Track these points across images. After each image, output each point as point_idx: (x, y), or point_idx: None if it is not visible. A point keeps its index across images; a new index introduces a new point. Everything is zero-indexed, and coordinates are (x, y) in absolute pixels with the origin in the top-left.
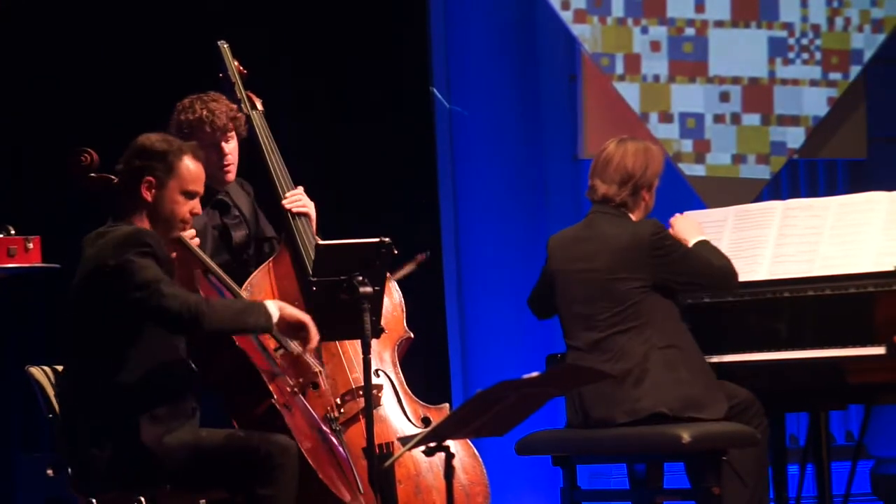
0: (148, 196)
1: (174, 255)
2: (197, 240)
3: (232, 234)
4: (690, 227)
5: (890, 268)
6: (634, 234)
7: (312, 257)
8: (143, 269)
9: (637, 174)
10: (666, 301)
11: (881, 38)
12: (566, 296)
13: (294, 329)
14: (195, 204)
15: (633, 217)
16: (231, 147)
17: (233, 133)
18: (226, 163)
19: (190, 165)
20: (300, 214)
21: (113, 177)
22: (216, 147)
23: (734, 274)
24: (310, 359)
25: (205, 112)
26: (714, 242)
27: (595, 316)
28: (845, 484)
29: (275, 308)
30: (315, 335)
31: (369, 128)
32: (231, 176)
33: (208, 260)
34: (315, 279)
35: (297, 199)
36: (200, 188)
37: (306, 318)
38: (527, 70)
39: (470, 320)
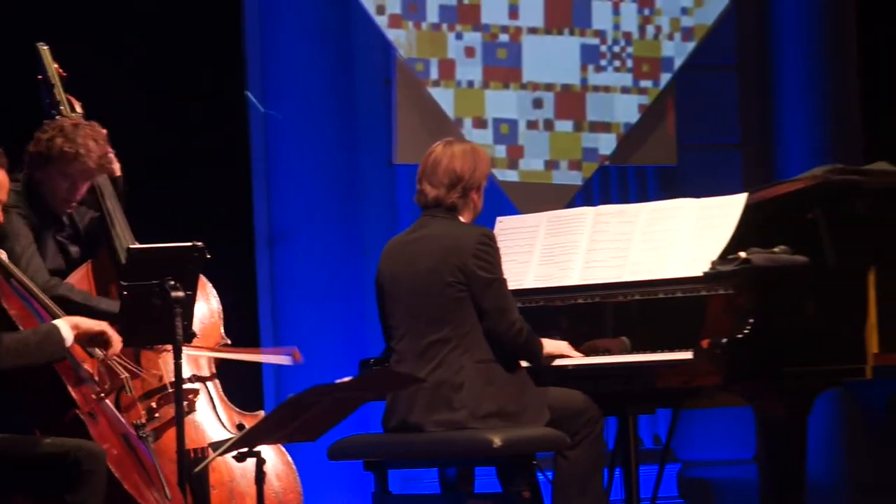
0: None
1: None
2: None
3: (69, 248)
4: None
5: (699, 273)
6: (460, 236)
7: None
8: None
9: (466, 176)
10: None
11: (691, 46)
12: (394, 300)
13: (95, 340)
14: None
15: (462, 219)
16: (84, 188)
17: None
18: (73, 200)
19: None
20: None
21: None
22: (72, 183)
23: (537, 345)
24: (117, 364)
25: (81, 150)
26: (528, 248)
27: (418, 321)
28: (653, 487)
29: (68, 330)
30: (116, 341)
31: (183, 132)
32: (71, 210)
33: (12, 266)
34: (126, 283)
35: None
36: (4, 196)
37: (103, 326)
38: (342, 74)
39: (283, 326)
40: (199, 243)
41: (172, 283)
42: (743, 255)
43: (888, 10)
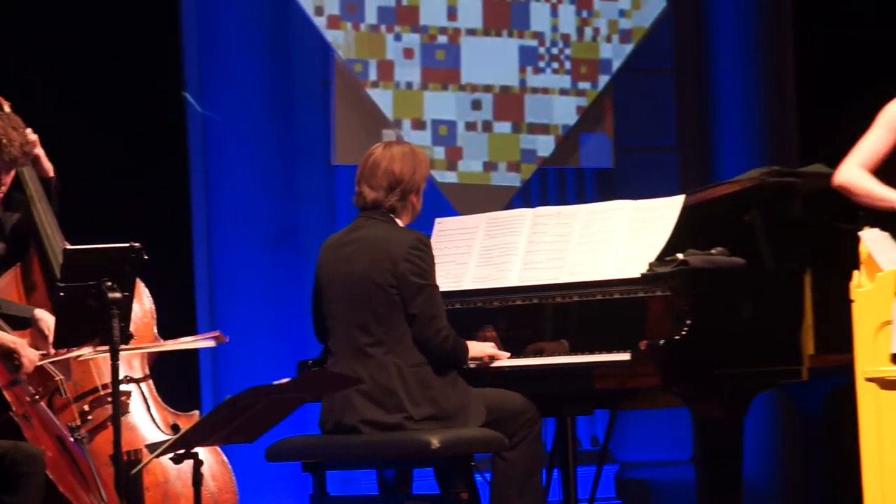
0: None
1: None
2: None
3: None
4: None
5: (636, 275)
6: (395, 240)
7: (61, 261)
8: None
9: (405, 179)
10: None
11: (629, 48)
12: (330, 300)
13: (6, 356)
14: None
15: (401, 222)
16: (9, 178)
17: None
18: None
19: None
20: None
21: None
22: None
23: (461, 352)
24: (50, 366)
25: (3, 140)
26: (466, 249)
27: (353, 323)
28: (590, 488)
29: None
30: (28, 362)
31: (121, 132)
32: None
33: None
34: (63, 284)
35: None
36: None
37: (18, 345)
38: (280, 75)
39: (221, 326)
40: (137, 244)
41: (109, 284)
42: (680, 256)
43: (824, 13)
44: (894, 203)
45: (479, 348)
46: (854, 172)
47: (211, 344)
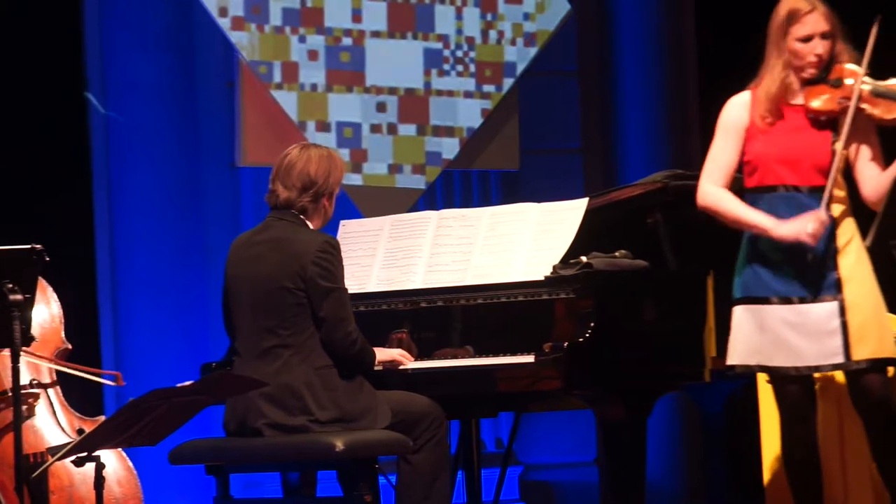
0: None
1: None
2: None
3: None
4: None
5: (540, 277)
6: (303, 242)
7: None
8: None
9: (320, 181)
10: None
11: (533, 51)
12: (236, 300)
13: None
14: None
15: (311, 224)
16: None
17: None
18: None
19: None
20: None
21: None
22: None
23: (368, 356)
24: None
25: None
26: (370, 252)
27: (259, 325)
28: (494, 490)
29: None
30: None
31: (22, 133)
32: None
33: None
34: None
35: None
36: None
37: None
38: (184, 76)
39: (124, 329)
40: (38, 246)
41: (10, 286)
42: (584, 259)
43: (726, 20)
44: (766, 229)
45: (385, 354)
46: (717, 194)
47: (110, 383)
